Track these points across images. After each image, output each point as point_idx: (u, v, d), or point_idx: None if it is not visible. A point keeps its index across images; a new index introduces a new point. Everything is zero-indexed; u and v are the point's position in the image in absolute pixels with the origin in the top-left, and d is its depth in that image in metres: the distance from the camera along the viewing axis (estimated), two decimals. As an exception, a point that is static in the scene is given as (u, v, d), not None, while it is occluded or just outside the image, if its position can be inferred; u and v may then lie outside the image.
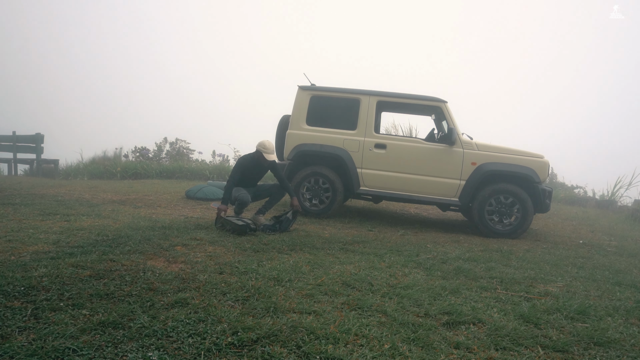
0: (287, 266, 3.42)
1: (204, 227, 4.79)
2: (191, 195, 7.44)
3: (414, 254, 4.23)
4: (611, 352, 2.30)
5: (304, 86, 6.29)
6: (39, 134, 12.98)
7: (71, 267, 2.97)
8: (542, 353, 2.25)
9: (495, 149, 5.87)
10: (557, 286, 3.48)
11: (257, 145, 5.25)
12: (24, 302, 2.36)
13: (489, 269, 3.84)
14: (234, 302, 2.59)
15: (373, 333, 2.29)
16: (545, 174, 5.80)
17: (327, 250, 4.15)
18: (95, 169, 12.58)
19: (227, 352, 1.99)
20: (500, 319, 2.63)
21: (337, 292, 2.90)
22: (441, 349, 2.19)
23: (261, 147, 5.21)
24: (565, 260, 4.51)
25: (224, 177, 11.01)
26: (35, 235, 3.95)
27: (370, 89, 6.14)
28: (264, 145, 5.21)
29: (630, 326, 2.70)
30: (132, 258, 3.32)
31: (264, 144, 5.21)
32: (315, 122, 6.21)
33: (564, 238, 5.97)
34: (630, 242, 6.09)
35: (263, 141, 5.23)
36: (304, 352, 2.02)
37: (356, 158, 6.04)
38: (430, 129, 6.76)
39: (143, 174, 12.00)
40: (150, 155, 14.20)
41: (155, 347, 1.97)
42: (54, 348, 1.89)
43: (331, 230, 5.30)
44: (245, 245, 4.06)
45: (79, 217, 5.10)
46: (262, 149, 5.20)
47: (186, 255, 3.55)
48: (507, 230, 5.75)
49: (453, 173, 5.86)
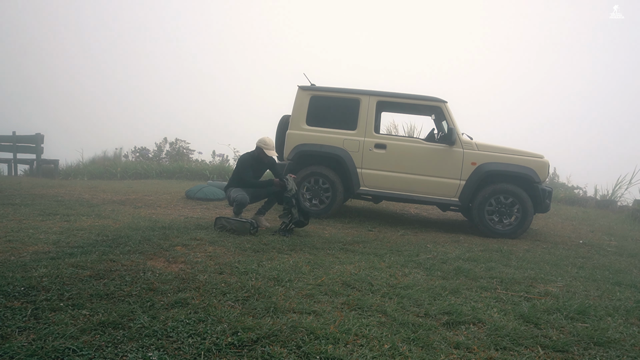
0: (287, 266, 3.42)
1: (204, 227, 4.79)
2: (191, 196, 7.44)
3: (414, 254, 4.23)
4: (611, 352, 2.30)
5: (304, 86, 6.29)
6: (39, 134, 12.98)
7: (71, 267, 2.97)
8: (542, 353, 2.25)
9: (495, 149, 5.87)
10: (557, 286, 3.48)
11: (257, 142, 5.27)
12: (24, 302, 2.36)
13: (489, 269, 3.84)
14: (234, 302, 2.59)
15: (373, 333, 2.29)
16: (545, 174, 5.80)
17: (327, 250, 4.15)
18: (95, 169, 12.59)
19: (227, 352, 1.99)
20: (500, 319, 2.63)
21: (337, 292, 2.90)
22: (441, 349, 2.19)
23: (261, 143, 5.22)
24: (565, 260, 4.51)
25: (224, 177, 11.01)
26: (35, 236, 3.95)
27: (370, 89, 6.14)
28: (264, 141, 5.23)
29: (630, 326, 2.70)
30: (132, 258, 3.32)
31: (264, 141, 5.23)
32: (315, 122, 6.21)
33: (564, 238, 5.96)
34: (630, 242, 6.09)
35: (263, 138, 5.25)
36: (304, 352, 2.02)
37: (356, 158, 6.04)
38: (430, 129, 6.77)
39: (143, 174, 12.01)
40: (150, 155, 14.21)
41: (155, 347, 1.97)
42: (54, 348, 1.89)
43: (331, 230, 5.30)
44: (245, 245, 4.06)
45: (79, 217, 5.10)
46: (262, 145, 5.21)
47: (186, 255, 3.55)
48: (507, 230, 5.75)
49: (453, 173, 5.86)
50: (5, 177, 11.70)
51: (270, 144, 5.27)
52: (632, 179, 10.53)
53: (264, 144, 5.21)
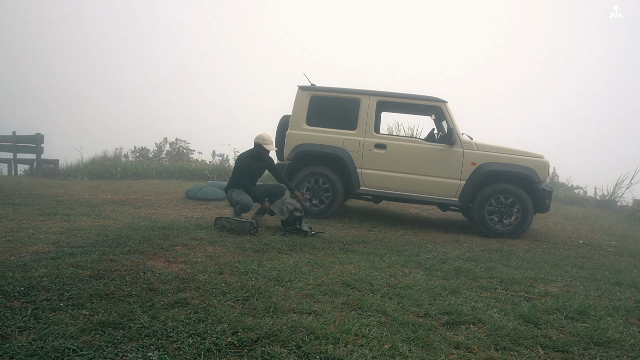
0: (287, 266, 3.42)
1: (204, 227, 4.79)
2: (191, 196, 7.44)
3: (414, 254, 4.23)
4: (611, 352, 2.30)
5: (304, 86, 6.29)
6: (39, 134, 12.98)
7: (71, 267, 2.97)
8: (542, 353, 2.25)
9: (495, 149, 5.87)
10: (557, 286, 3.48)
11: (255, 139, 5.29)
12: (24, 302, 2.36)
13: (489, 269, 3.84)
14: (234, 302, 2.59)
15: (373, 333, 2.29)
16: (545, 174, 5.80)
17: (327, 250, 4.15)
18: (95, 169, 12.58)
19: (227, 352, 1.99)
20: (500, 319, 2.63)
21: (337, 292, 2.90)
22: (441, 349, 2.18)
23: (259, 139, 5.24)
24: (565, 260, 4.51)
25: (224, 177, 11.00)
26: (35, 236, 3.95)
27: (370, 89, 6.14)
28: (262, 137, 5.25)
29: (630, 326, 2.70)
30: (132, 258, 3.32)
31: (262, 136, 5.26)
32: (315, 122, 6.21)
33: (564, 238, 5.96)
34: (630, 242, 6.09)
35: (261, 134, 5.29)
36: (304, 352, 2.02)
37: (356, 158, 6.04)
38: (430, 129, 6.77)
39: (143, 174, 12.00)
40: (150, 155, 14.21)
41: (155, 347, 1.97)
42: (54, 348, 1.89)
43: (331, 230, 5.30)
44: (245, 245, 4.06)
45: (79, 217, 5.10)
46: (260, 140, 5.23)
47: (186, 255, 3.55)
48: (507, 230, 5.75)
49: (453, 173, 5.86)
50: (5, 177, 11.70)
51: (268, 139, 5.28)
52: (632, 179, 10.53)
53: (262, 139, 5.23)
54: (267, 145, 5.21)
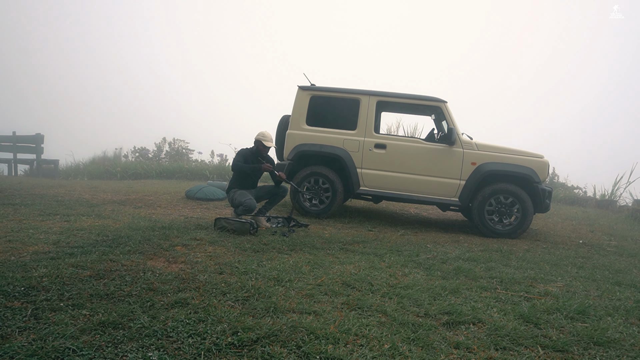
0: (287, 266, 3.42)
1: (204, 227, 4.79)
2: (191, 196, 7.44)
3: (414, 254, 4.23)
4: (611, 352, 2.30)
5: (303, 86, 6.29)
6: (39, 135, 12.99)
7: (71, 267, 2.97)
8: (542, 353, 2.25)
9: (495, 149, 5.87)
10: (557, 286, 3.48)
11: (255, 136, 5.30)
12: (24, 302, 2.35)
13: (489, 269, 3.84)
14: (234, 302, 2.59)
15: (373, 333, 2.29)
16: (545, 174, 5.80)
17: (327, 250, 4.15)
18: (95, 169, 12.60)
19: (227, 352, 1.99)
20: (500, 319, 2.63)
21: (337, 292, 2.90)
22: (441, 349, 2.19)
23: (260, 136, 5.27)
24: (565, 260, 4.51)
25: (224, 177, 11.01)
26: (35, 236, 3.95)
27: (370, 89, 6.15)
28: (262, 134, 5.27)
29: (630, 326, 2.70)
30: (132, 258, 3.32)
31: (262, 133, 5.29)
32: (315, 122, 6.21)
33: (564, 238, 5.96)
34: (630, 242, 6.09)
35: (262, 131, 5.32)
36: (304, 352, 2.02)
37: (356, 158, 6.04)
38: (430, 129, 6.77)
39: (143, 174, 12.01)
40: (150, 155, 14.21)
41: (155, 347, 1.97)
42: (54, 348, 1.89)
43: (331, 230, 5.30)
44: (245, 245, 4.06)
45: (79, 217, 5.10)
46: (260, 137, 5.25)
47: (186, 255, 3.55)
48: (507, 230, 5.75)
49: (453, 173, 5.86)
50: (5, 177, 11.71)
51: (268, 136, 5.30)
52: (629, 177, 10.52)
53: (262, 136, 5.25)
54: (266, 142, 5.21)
